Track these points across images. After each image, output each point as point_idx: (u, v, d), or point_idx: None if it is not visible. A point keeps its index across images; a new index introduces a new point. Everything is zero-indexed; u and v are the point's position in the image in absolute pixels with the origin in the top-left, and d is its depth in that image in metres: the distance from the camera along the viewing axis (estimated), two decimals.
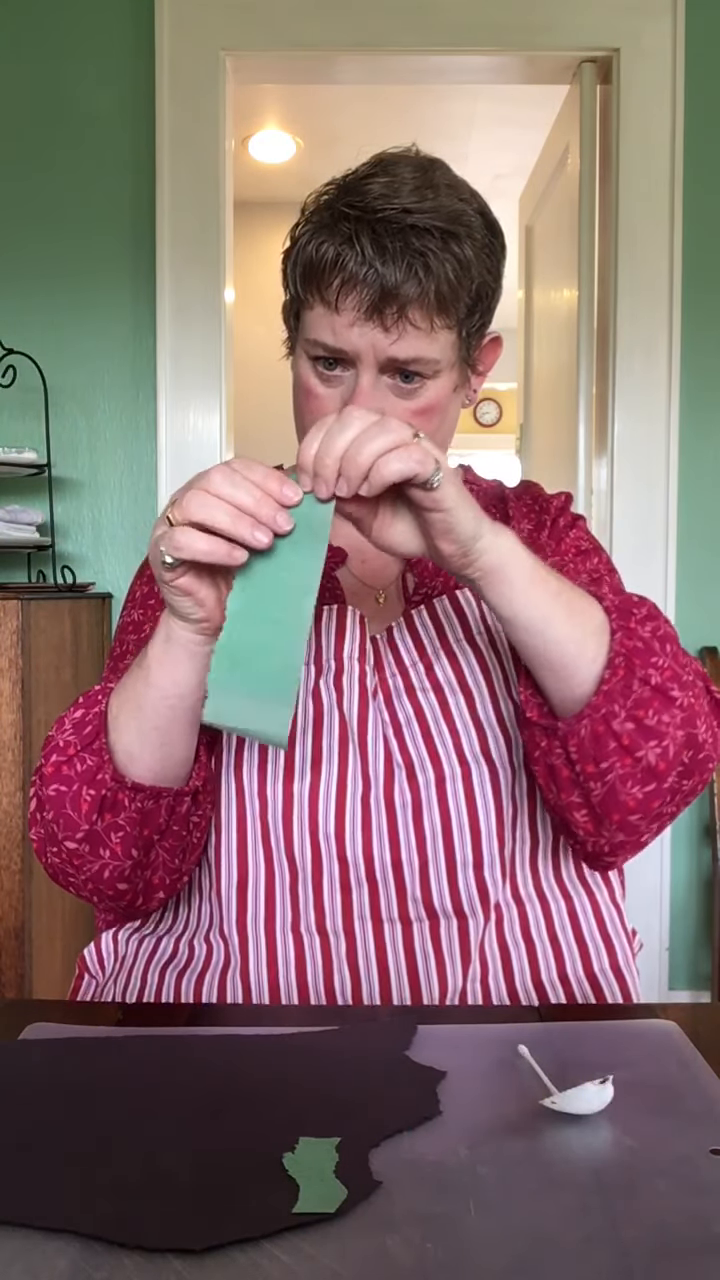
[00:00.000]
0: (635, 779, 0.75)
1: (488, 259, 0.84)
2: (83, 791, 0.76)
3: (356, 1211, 0.49)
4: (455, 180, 0.85)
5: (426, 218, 0.79)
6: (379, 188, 0.80)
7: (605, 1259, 0.46)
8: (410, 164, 0.83)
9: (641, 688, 0.74)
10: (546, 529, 0.96)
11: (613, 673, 0.74)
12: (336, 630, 0.89)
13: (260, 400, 3.28)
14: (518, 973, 0.84)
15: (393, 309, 0.79)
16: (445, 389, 0.85)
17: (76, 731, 0.78)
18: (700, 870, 2.35)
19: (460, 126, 3.52)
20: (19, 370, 2.07)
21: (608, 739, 0.75)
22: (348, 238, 0.79)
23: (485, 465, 0.79)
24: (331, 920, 0.82)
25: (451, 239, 0.80)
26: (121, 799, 0.76)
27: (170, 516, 0.67)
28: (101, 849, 0.77)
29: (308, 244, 0.82)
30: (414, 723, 0.85)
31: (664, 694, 0.75)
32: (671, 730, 0.75)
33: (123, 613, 0.97)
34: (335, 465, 0.67)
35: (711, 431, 2.30)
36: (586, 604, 0.77)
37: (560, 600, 0.74)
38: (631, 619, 0.77)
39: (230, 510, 0.65)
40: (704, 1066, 0.64)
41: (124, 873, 0.79)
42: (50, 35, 2.23)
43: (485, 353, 0.90)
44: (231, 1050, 0.66)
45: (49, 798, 0.78)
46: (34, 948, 1.80)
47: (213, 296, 2.25)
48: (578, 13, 2.22)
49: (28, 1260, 0.46)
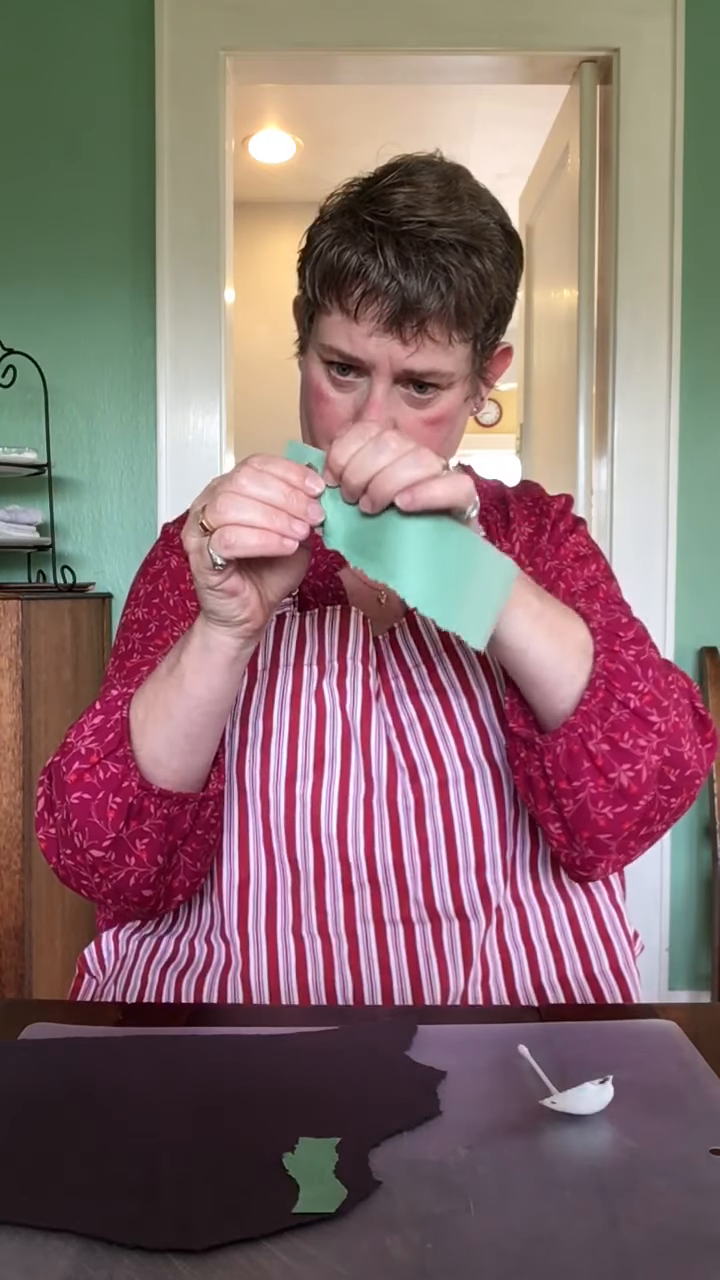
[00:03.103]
0: (607, 799, 0.76)
1: (507, 272, 0.84)
2: (109, 799, 0.75)
3: (356, 1211, 0.49)
4: (477, 190, 0.84)
5: (450, 232, 0.78)
6: (403, 198, 0.79)
7: (605, 1259, 0.46)
8: (434, 172, 0.82)
9: (620, 711, 0.75)
10: (546, 532, 0.96)
11: (592, 694, 0.74)
12: (339, 631, 0.89)
13: (260, 400, 3.28)
14: (518, 975, 0.84)
15: (412, 322, 0.79)
16: (457, 400, 0.85)
17: (98, 738, 0.77)
18: (700, 870, 2.35)
19: (461, 126, 3.52)
20: (19, 370, 2.07)
21: (582, 758, 0.75)
22: (371, 248, 0.78)
23: (485, 465, 0.79)
24: (333, 922, 0.82)
25: (473, 253, 0.79)
26: (148, 806, 0.76)
27: (204, 523, 0.67)
28: (127, 856, 0.77)
29: (329, 250, 0.81)
30: (417, 724, 0.85)
31: (642, 718, 0.75)
32: (647, 755, 0.75)
33: (125, 610, 0.96)
34: (362, 484, 0.66)
35: (711, 432, 2.30)
36: (570, 624, 0.77)
37: (542, 621, 0.75)
38: (616, 641, 0.77)
39: (263, 508, 0.66)
40: (704, 1066, 0.64)
41: (149, 879, 0.79)
42: (50, 35, 2.23)
43: (496, 363, 0.90)
44: (231, 1050, 0.66)
45: (73, 806, 0.77)
46: (34, 948, 1.80)
47: (213, 296, 2.25)
48: (578, 13, 2.22)
49: (28, 1260, 0.46)
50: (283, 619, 0.91)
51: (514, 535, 0.95)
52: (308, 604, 0.93)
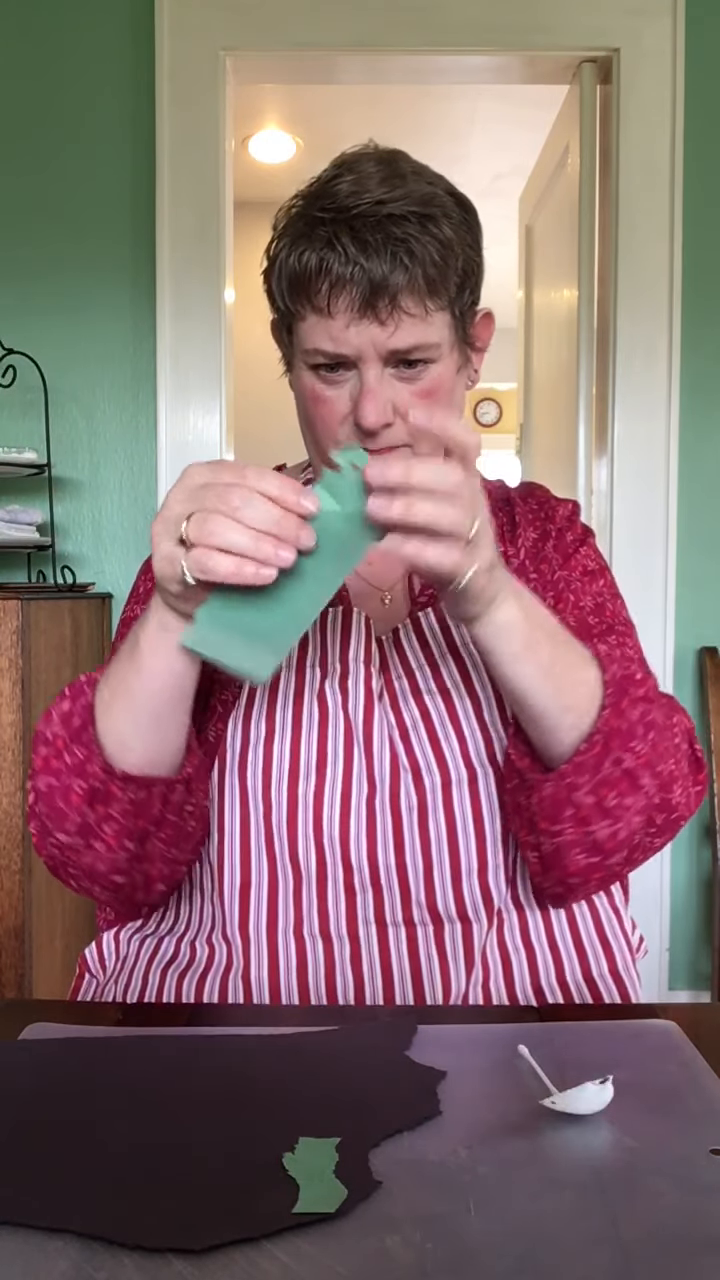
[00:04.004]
0: (582, 848, 0.77)
1: (467, 235, 0.84)
2: (73, 784, 0.76)
3: (356, 1211, 0.49)
4: (419, 166, 0.85)
5: (400, 205, 0.79)
6: (347, 186, 0.80)
7: (605, 1259, 0.46)
8: (372, 158, 0.83)
9: (613, 768, 0.75)
10: (552, 539, 0.95)
11: (589, 746, 0.74)
12: (342, 632, 0.89)
13: (260, 400, 3.28)
14: (518, 977, 0.84)
15: (385, 301, 0.79)
16: (449, 371, 0.85)
17: (65, 724, 0.77)
18: (700, 870, 2.35)
19: (461, 126, 3.52)
20: (19, 370, 2.07)
21: (566, 806, 0.76)
22: (327, 241, 0.79)
23: (485, 465, 0.79)
24: (335, 924, 0.82)
25: (429, 221, 0.80)
26: (113, 790, 0.75)
27: (185, 537, 0.64)
28: (94, 841, 0.77)
29: (288, 257, 0.82)
30: (420, 726, 0.85)
31: (633, 779, 0.75)
32: (629, 816, 0.76)
33: (126, 608, 0.96)
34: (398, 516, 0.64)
35: (711, 432, 2.30)
36: (580, 676, 0.75)
37: (550, 675, 0.74)
38: (625, 698, 0.76)
39: (250, 533, 0.62)
40: (704, 1066, 0.64)
41: (119, 865, 0.79)
42: (50, 35, 2.23)
43: (480, 329, 0.90)
44: (231, 1050, 0.66)
45: (41, 791, 0.78)
46: (34, 947, 1.80)
47: (213, 296, 2.25)
48: (578, 13, 2.22)
49: (28, 1260, 0.46)
50: None
51: (519, 540, 0.94)
52: None
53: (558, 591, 0.92)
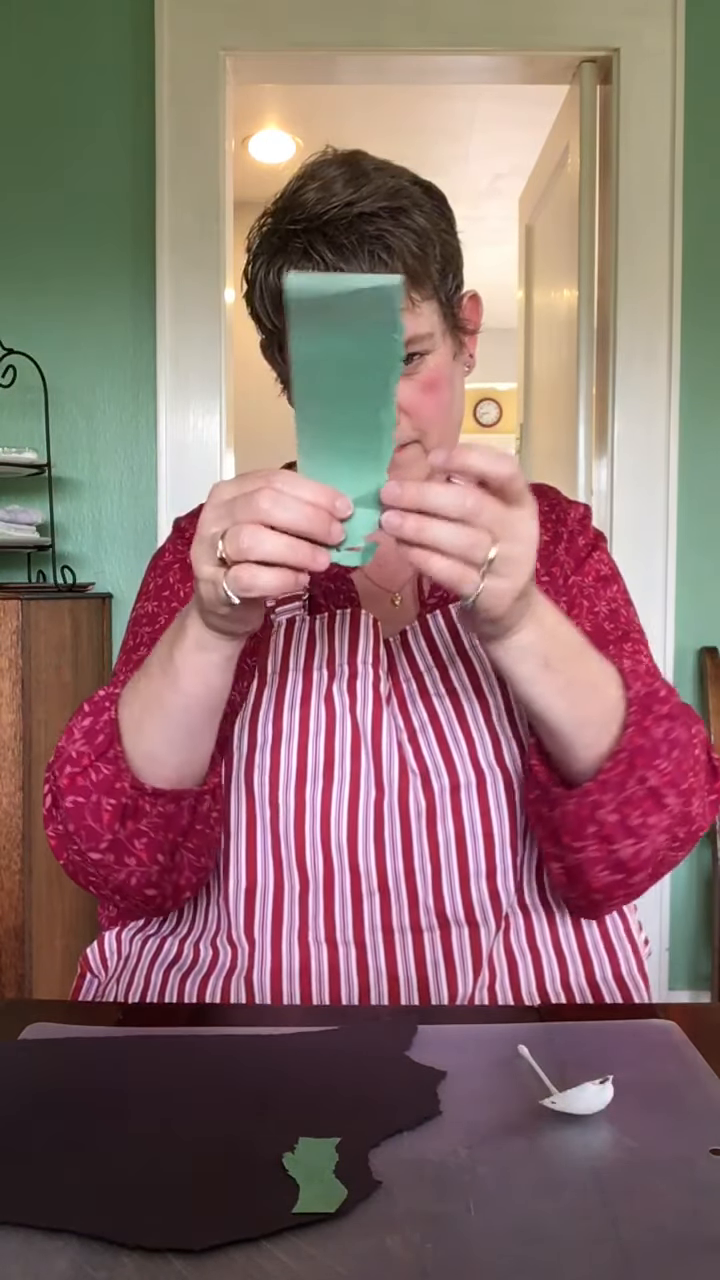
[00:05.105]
0: (606, 865, 0.77)
1: (440, 221, 0.84)
2: (102, 802, 0.75)
3: (356, 1211, 0.49)
4: (380, 162, 0.84)
5: (370, 202, 0.78)
6: (314, 194, 0.79)
7: (605, 1259, 0.46)
8: (333, 162, 0.83)
9: (637, 787, 0.74)
10: (564, 542, 0.94)
11: (614, 764, 0.73)
12: (349, 634, 0.88)
13: (260, 400, 3.28)
14: (523, 980, 0.83)
15: None
16: (445, 359, 0.85)
17: (88, 741, 0.76)
18: (700, 870, 2.35)
19: (461, 127, 3.52)
20: (19, 370, 2.07)
21: (589, 824, 0.75)
22: (303, 252, 0.79)
23: None
24: (341, 931, 0.82)
25: (401, 213, 0.79)
26: (143, 805, 0.75)
27: (224, 555, 0.62)
28: (126, 857, 0.77)
29: (267, 275, 0.82)
30: (428, 728, 0.85)
31: (657, 797, 0.75)
32: (653, 835, 0.75)
33: (135, 605, 0.95)
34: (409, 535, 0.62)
35: (711, 432, 2.30)
36: (600, 693, 0.74)
37: (568, 694, 0.72)
38: (649, 716, 0.75)
39: (286, 540, 0.61)
40: (704, 1066, 0.64)
41: (151, 878, 0.78)
42: (50, 35, 2.23)
43: (469, 311, 0.90)
44: (232, 1050, 0.66)
45: (68, 810, 0.76)
46: (34, 947, 1.80)
47: (213, 297, 2.25)
48: (578, 13, 2.22)
49: (28, 1260, 0.46)
50: (293, 622, 0.90)
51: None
52: (318, 607, 0.92)
53: (571, 597, 0.91)
